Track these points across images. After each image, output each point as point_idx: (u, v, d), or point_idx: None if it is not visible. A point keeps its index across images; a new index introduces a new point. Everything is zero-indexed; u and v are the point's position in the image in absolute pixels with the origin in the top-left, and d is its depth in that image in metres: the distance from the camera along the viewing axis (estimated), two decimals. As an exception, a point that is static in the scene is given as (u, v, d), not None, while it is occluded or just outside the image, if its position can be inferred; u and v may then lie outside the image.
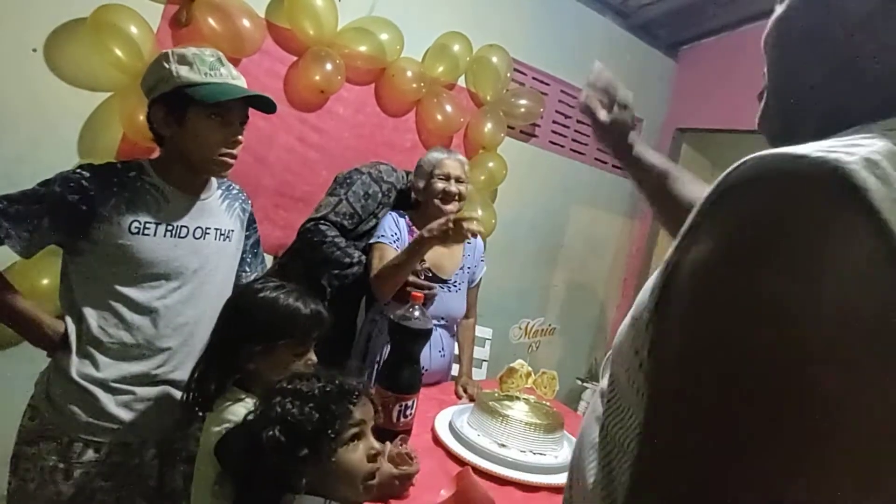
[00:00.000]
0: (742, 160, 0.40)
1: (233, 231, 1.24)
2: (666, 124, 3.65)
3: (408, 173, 1.87)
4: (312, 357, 1.09)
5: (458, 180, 1.69)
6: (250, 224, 1.34)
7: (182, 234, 1.12)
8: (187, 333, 1.16)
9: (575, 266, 3.48)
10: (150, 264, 1.08)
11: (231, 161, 1.13)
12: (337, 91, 2.20)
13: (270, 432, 0.78)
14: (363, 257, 1.69)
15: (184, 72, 1.05)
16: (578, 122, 3.22)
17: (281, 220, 2.19)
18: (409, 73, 2.32)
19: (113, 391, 1.08)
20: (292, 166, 2.20)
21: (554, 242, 3.32)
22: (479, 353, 2.49)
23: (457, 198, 1.68)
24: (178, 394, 1.16)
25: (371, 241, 1.70)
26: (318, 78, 2.11)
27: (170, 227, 1.11)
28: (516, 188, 2.94)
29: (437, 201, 1.68)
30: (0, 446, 1.15)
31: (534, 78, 2.95)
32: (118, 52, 1.74)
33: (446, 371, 1.79)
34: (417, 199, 1.76)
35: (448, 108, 2.45)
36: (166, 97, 1.07)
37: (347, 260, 1.67)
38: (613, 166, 3.50)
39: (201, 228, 1.16)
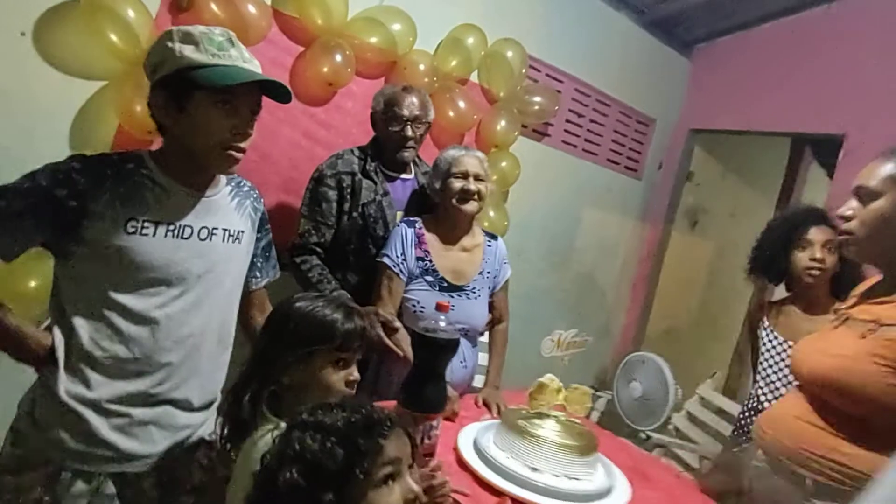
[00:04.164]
0: None
1: (243, 232, 1.12)
2: (679, 125, 3.56)
3: (360, 148, 1.79)
4: (355, 373, 0.98)
5: (476, 178, 1.58)
6: (262, 224, 1.21)
7: (185, 235, 1.00)
8: (191, 346, 1.03)
9: (585, 269, 3.38)
10: (148, 268, 0.96)
11: (238, 156, 1.01)
12: (346, 84, 2.08)
13: (287, 474, 0.66)
14: (337, 293, 1.61)
15: (188, 52, 0.93)
16: (591, 121, 3.12)
17: (285, 220, 2.06)
18: (422, 67, 2.20)
19: (106, 413, 0.96)
20: (298, 163, 2.08)
21: (565, 245, 3.22)
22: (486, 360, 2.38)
23: (475, 196, 1.57)
24: (180, 415, 1.04)
25: (379, 256, 1.61)
26: (326, 70, 1.99)
27: (171, 227, 0.99)
28: (528, 189, 2.83)
29: (454, 202, 1.57)
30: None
31: (547, 74, 2.84)
32: (114, 38, 1.62)
33: (468, 383, 1.68)
34: (434, 202, 1.65)
35: (461, 104, 2.34)
36: (168, 80, 0.95)
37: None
38: (626, 167, 3.40)
39: (207, 229, 1.04)
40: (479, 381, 1.78)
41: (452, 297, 1.57)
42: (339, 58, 1.99)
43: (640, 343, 3.70)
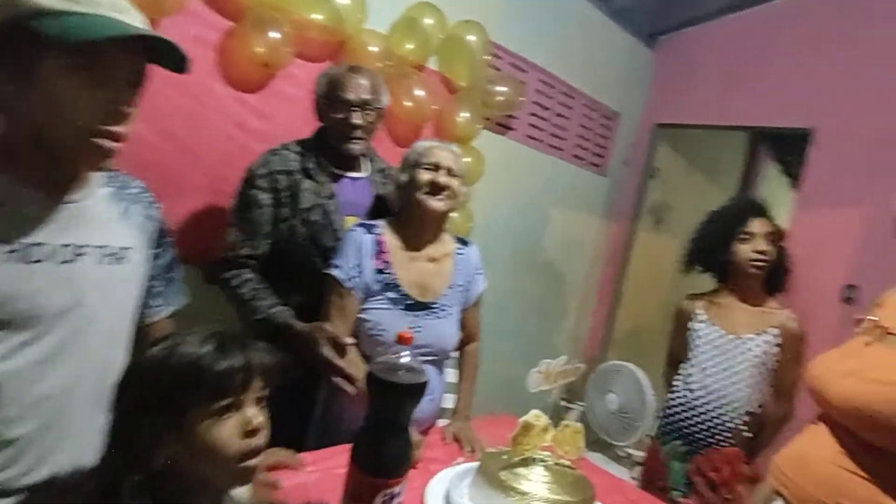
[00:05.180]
0: None
1: (130, 249, 0.83)
2: (644, 119, 3.43)
3: (300, 142, 1.52)
4: (254, 417, 0.71)
5: (449, 172, 1.34)
6: (161, 237, 0.92)
7: (37, 257, 0.71)
8: (53, 411, 0.74)
9: (552, 272, 3.20)
10: None
11: (110, 146, 0.71)
12: (285, 66, 1.79)
13: None
14: (276, 310, 1.34)
15: None
16: (557, 115, 2.93)
17: (214, 226, 1.75)
18: (374, 49, 1.93)
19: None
20: (229, 158, 1.77)
21: (531, 246, 3.02)
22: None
23: (446, 192, 1.33)
24: None
25: (327, 267, 1.34)
26: (260, 49, 1.69)
27: (14, 248, 0.69)
28: (492, 187, 2.60)
29: (421, 195, 1.32)
30: None
31: (510, 63, 2.62)
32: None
33: (434, 417, 1.44)
34: (401, 202, 1.40)
35: (419, 92, 2.08)
36: (4, 35, 0.65)
37: (254, 317, 1.34)
38: (591, 163, 3.24)
39: (73, 247, 0.75)
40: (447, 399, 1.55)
41: (418, 315, 1.33)
42: (275, 35, 1.70)
43: (607, 346, 3.56)
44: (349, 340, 1.27)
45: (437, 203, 1.32)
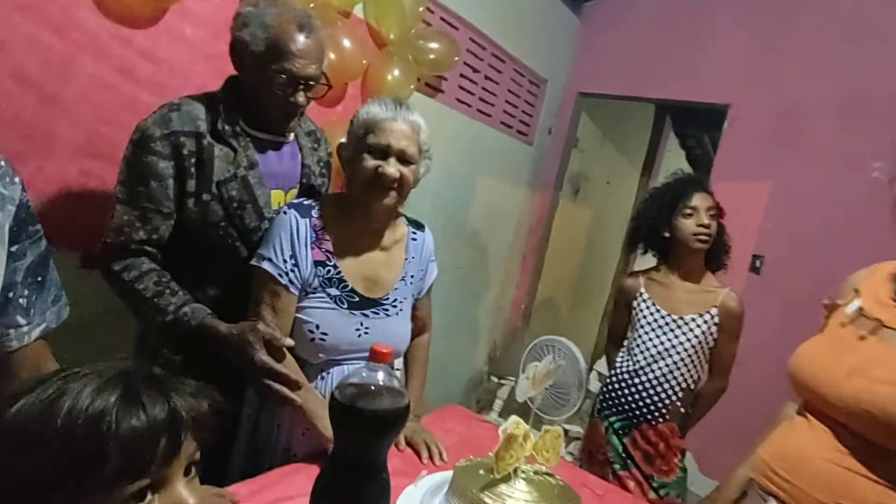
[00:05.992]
0: None
1: None
2: (568, 87, 3.37)
3: (210, 96, 1.17)
4: (186, 499, 0.50)
5: (402, 158, 1.08)
6: (23, 226, 0.63)
7: None
8: None
9: (478, 243, 3.10)
10: None
11: None
12: (181, 0, 1.44)
13: None
14: (190, 308, 1.07)
15: None
16: (486, 78, 2.77)
17: (89, 197, 1.41)
18: (293, -13, 1.62)
19: None
20: (108, 111, 1.41)
21: (459, 217, 2.88)
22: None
23: (395, 185, 1.09)
24: None
25: (255, 258, 1.10)
26: (148, -26, 1.34)
27: None
28: (422, 154, 2.40)
29: (362, 190, 1.09)
30: None
31: (441, 18, 2.40)
32: None
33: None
34: (347, 177, 1.16)
35: (346, 42, 1.81)
36: None
37: (162, 318, 1.05)
38: (518, 131, 3.14)
39: None
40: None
41: (366, 314, 1.12)
42: (167, -44, 1.35)
43: (528, 317, 3.58)
44: (288, 342, 1.05)
45: (381, 204, 1.09)
